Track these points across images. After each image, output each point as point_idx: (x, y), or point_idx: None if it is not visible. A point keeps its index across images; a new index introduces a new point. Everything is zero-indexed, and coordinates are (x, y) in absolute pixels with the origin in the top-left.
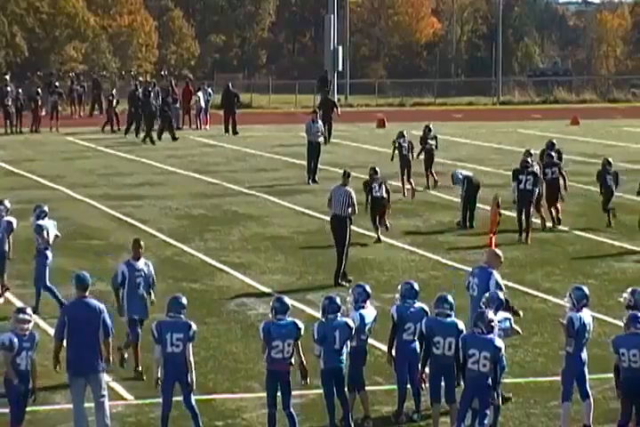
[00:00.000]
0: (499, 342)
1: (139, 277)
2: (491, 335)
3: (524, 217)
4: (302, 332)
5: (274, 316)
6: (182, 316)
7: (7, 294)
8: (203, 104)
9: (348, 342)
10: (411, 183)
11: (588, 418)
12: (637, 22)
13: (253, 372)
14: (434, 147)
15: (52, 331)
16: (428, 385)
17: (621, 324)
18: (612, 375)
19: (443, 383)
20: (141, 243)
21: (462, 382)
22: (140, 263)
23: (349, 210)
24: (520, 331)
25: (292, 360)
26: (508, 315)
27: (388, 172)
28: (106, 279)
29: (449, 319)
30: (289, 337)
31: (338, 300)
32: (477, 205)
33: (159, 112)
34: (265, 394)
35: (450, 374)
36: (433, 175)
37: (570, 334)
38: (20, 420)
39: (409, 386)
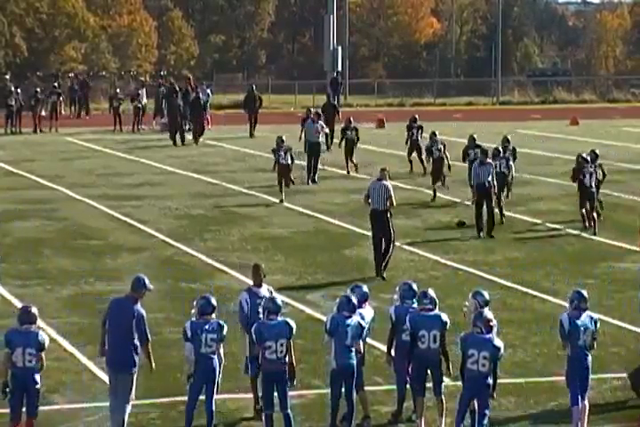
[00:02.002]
0: (498, 342)
1: (261, 306)
2: (490, 335)
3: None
4: (294, 331)
5: (266, 316)
6: (213, 316)
7: (6, 294)
8: None
9: (362, 342)
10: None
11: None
12: (637, 22)
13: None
14: (354, 137)
15: (51, 331)
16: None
17: (622, 324)
18: (611, 376)
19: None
20: (262, 267)
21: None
22: (263, 290)
23: (387, 203)
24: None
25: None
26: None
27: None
28: (104, 279)
29: (432, 313)
30: (281, 337)
31: (355, 300)
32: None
33: (189, 114)
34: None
35: (436, 368)
36: (352, 162)
37: (561, 336)
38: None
39: (408, 386)
